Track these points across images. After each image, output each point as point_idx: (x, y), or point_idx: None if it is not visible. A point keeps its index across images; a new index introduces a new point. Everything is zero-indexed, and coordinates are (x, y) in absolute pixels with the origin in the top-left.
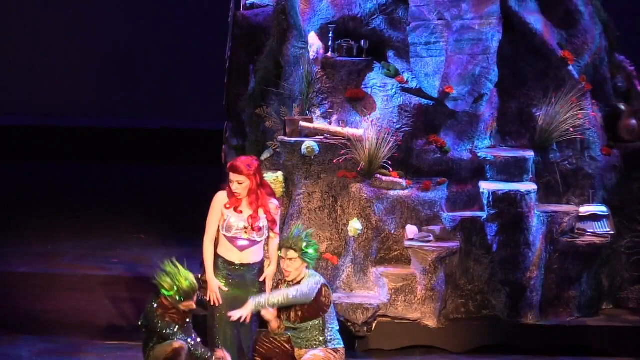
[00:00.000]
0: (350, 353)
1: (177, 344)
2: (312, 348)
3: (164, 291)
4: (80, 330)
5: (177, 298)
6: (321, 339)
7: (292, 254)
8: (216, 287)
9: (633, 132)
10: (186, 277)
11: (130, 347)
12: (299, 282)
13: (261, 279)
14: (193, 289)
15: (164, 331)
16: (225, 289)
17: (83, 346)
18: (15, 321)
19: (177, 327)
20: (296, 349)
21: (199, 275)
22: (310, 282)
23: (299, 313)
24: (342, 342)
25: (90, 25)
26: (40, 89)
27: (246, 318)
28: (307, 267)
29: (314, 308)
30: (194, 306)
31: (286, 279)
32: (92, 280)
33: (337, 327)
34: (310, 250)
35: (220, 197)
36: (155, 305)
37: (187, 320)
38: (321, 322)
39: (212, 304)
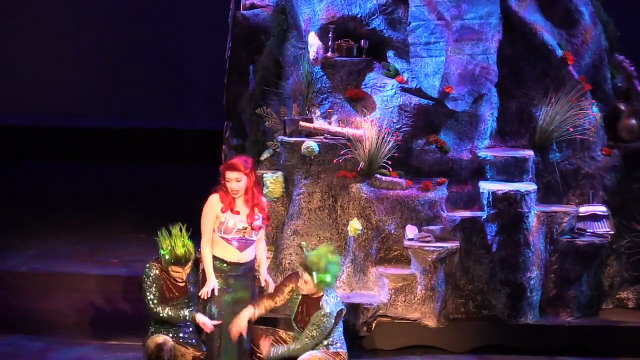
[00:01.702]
0: (350, 353)
1: (160, 338)
2: (313, 349)
3: (161, 250)
4: (80, 330)
5: (169, 259)
6: (323, 341)
7: (306, 277)
8: (213, 285)
9: (633, 132)
10: (185, 245)
11: (130, 347)
12: (314, 297)
13: (262, 284)
14: (186, 257)
15: (147, 293)
16: (225, 288)
17: (83, 346)
18: (15, 321)
19: (157, 298)
20: None
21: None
22: (325, 317)
23: (307, 318)
24: (345, 347)
25: (90, 24)
26: (40, 89)
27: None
28: (326, 291)
29: None
30: (183, 276)
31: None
32: (92, 280)
33: (341, 331)
34: (328, 278)
35: (214, 201)
36: (154, 267)
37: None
38: None
39: (202, 298)
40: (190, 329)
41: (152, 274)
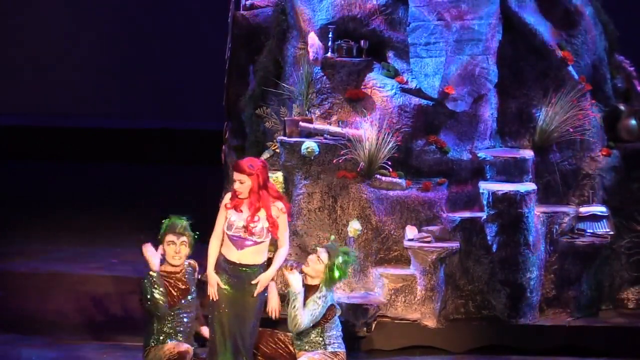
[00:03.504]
0: (350, 353)
1: (183, 347)
2: (311, 351)
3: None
4: (80, 330)
5: (164, 227)
6: (320, 341)
7: (324, 257)
8: (215, 282)
9: (633, 132)
10: (183, 221)
11: (130, 347)
12: (311, 285)
13: (253, 282)
14: (182, 225)
15: (147, 286)
16: (224, 286)
17: (83, 346)
18: (15, 321)
19: (160, 293)
20: (296, 352)
21: (200, 276)
22: (318, 305)
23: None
24: (343, 346)
25: (90, 24)
26: (40, 89)
27: (245, 317)
28: (325, 286)
29: None
30: (177, 249)
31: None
32: (92, 280)
33: (339, 331)
34: (337, 273)
35: (226, 197)
36: (153, 273)
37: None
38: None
39: (210, 298)
40: (189, 324)
41: (154, 277)
